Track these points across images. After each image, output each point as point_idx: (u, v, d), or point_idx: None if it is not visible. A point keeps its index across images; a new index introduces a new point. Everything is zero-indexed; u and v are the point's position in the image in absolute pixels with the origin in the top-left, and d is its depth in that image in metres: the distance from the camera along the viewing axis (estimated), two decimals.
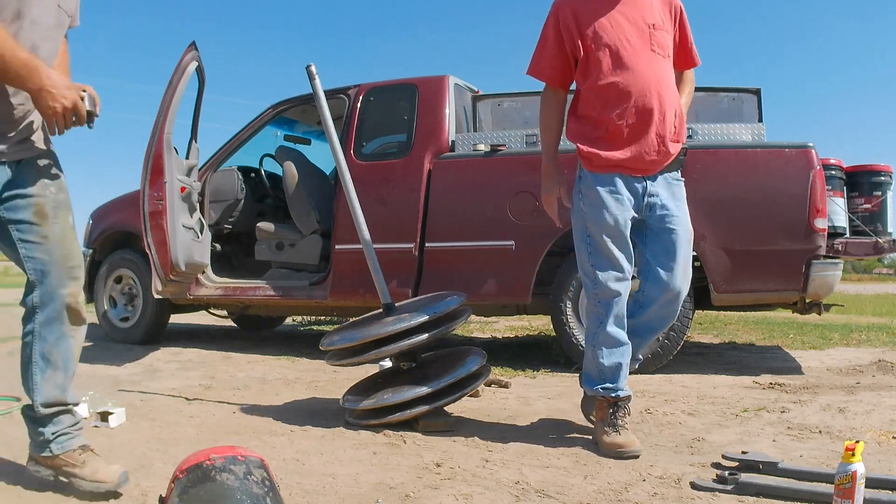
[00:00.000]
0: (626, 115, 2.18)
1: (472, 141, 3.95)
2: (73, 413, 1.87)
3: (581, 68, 2.25)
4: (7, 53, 1.58)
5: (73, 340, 1.85)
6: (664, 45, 2.25)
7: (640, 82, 2.17)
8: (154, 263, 3.82)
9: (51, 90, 1.61)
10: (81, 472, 1.79)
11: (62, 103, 1.63)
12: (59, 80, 1.64)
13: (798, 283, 3.41)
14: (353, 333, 2.56)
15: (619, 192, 2.23)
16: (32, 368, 1.82)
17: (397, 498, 1.78)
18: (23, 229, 1.76)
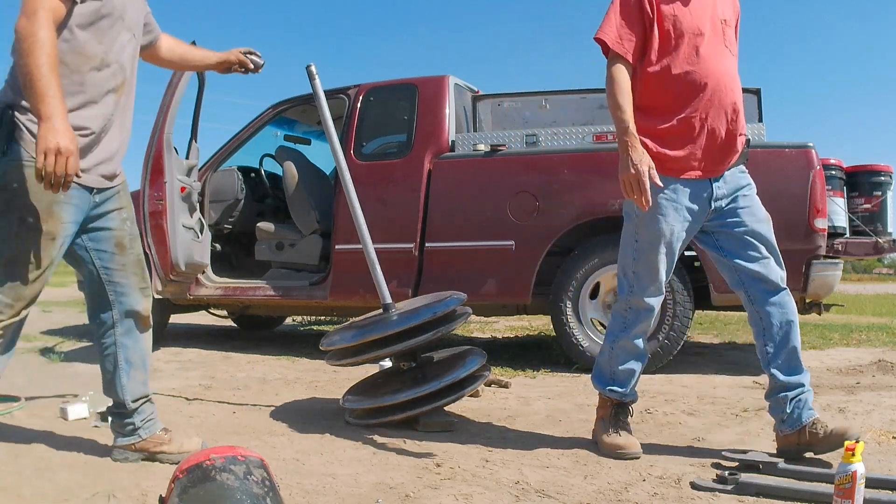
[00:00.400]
0: (700, 109, 2.06)
1: (472, 141, 3.95)
2: (153, 401, 2.17)
3: (649, 49, 2.09)
4: (35, 70, 1.67)
5: (146, 342, 2.14)
6: (732, 42, 2.16)
7: (715, 76, 2.06)
8: (154, 263, 3.82)
9: (55, 125, 1.66)
10: (170, 448, 2.10)
11: (56, 143, 1.65)
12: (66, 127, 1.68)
13: (798, 283, 3.41)
14: (353, 333, 2.56)
15: (678, 202, 2.12)
16: (119, 373, 2.08)
17: (397, 498, 1.78)
18: (105, 258, 2.02)
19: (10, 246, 1.80)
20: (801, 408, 2.06)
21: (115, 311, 2.06)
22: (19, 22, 1.70)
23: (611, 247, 3.64)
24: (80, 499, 1.76)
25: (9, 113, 1.78)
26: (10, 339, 1.89)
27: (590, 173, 3.68)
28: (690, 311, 3.56)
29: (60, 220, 1.83)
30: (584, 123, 4.10)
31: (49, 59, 1.68)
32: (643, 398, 3.00)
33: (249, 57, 2.37)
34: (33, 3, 1.70)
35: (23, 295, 1.83)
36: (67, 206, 1.84)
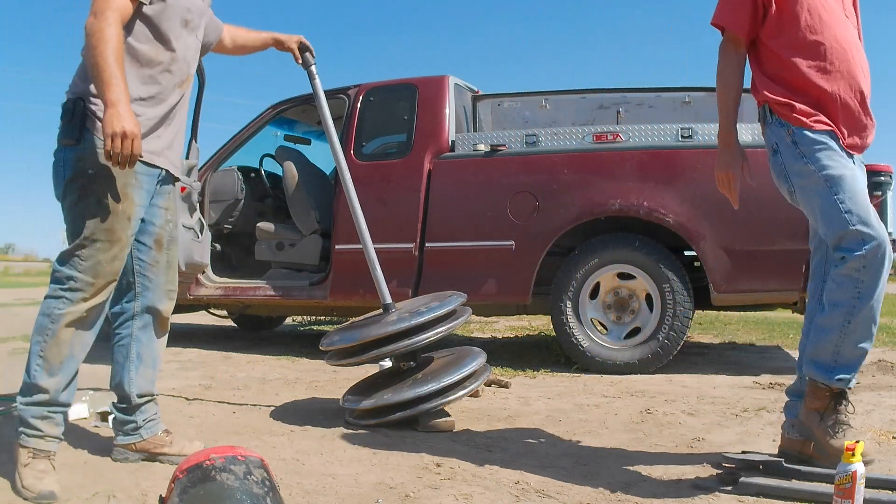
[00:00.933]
0: (833, 81, 1.93)
1: (472, 141, 3.95)
2: (156, 402, 2.18)
3: (772, 23, 1.99)
4: (101, 61, 1.77)
5: (160, 344, 2.19)
6: (852, 13, 2.05)
7: (842, 47, 1.94)
8: None
9: (119, 110, 1.76)
10: (170, 450, 2.10)
11: (121, 126, 1.75)
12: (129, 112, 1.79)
13: (798, 283, 3.41)
14: (353, 333, 2.56)
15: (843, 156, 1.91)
16: (129, 365, 2.14)
17: (397, 498, 1.78)
18: (142, 250, 2.08)
19: (89, 226, 1.89)
20: None
21: (137, 303, 2.12)
22: (88, 20, 1.81)
23: (611, 247, 3.65)
24: (80, 499, 1.76)
25: (80, 104, 1.89)
26: (94, 319, 1.99)
27: (590, 173, 3.68)
28: (690, 311, 3.56)
29: (133, 201, 1.94)
30: (584, 123, 4.11)
31: (115, 51, 1.79)
32: (643, 398, 3.00)
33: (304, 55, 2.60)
34: (102, 3, 1.81)
35: (103, 273, 1.92)
36: (139, 189, 1.95)
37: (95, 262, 1.90)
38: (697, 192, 3.52)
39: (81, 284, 1.90)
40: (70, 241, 1.92)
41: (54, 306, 1.91)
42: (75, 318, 1.92)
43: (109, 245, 1.90)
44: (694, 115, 4.01)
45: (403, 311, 2.57)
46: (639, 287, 3.65)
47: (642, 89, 4.19)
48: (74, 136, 1.89)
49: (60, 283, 1.91)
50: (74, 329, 1.93)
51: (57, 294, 1.91)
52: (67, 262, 1.91)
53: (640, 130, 3.76)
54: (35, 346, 1.92)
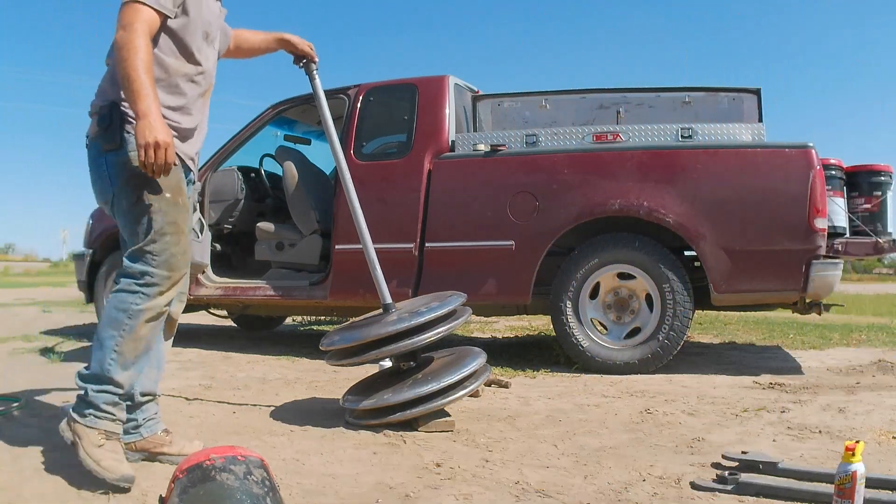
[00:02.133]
0: None
1: (472, 141, 3.95)
2: (157, 402, 2.19)
3: None
4: (132, 72, 1.81)
5: (167, 346, 2.22)
6: None
7: None
8: None
9: (151, 121, 1.80)
10: (170, 450, 2.10)
11: (154, 137, 1.80)
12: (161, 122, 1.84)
13: (798, 283, 3.41)
14: (353, 333, 2.56)
15: None
16: None
17: (397, 498, 1.78)
18: None
19: (156, 222, 1.93)
20: None
21: None
22: (118, 33, 1.85)
23: (611, 247, 3.65)
24: (80, 499, 1.76)
25: (117, 109, 1.93)
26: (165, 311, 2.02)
27: (590, 173, 3.68)
28: (690, 311, 3.56)
29: (186, 194, 2.03)
30: (584, 123, 4.11)
31: (144, 63, 1.83)
32: (643, 398, 3.00)
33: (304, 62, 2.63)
34: (130, 16, 1.86)
35: (177, 265, 1.98)
36: (188, 183, 2.08)
37: (169, 255, 1.95)
38: (697, 192, 3.52)
39: (158, 279, 1.94)
40: (135, 240, 1.95)
41: (131, 301, 1.92)
42: (154, 314, 1.96)
43: (178, 237, 1.97)
44: (694, 115, 4.01)
45: (403, 311, 2.57)
46: (639, 287, 3.65)
47: (642, 89, 4.19)
48: (116, 140, 1.92)
49: (134, 278, 1.94)
50: (152, 324, 1.97)
51: (132, 289, 1.93)
52: (140, 258, 1.94)
53: (640, 130, 3.76)
54: (109, 340, 1.92)
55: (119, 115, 1.93)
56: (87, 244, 4.94)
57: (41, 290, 12.58)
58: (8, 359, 4.08)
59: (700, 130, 3.67)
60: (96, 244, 4.85)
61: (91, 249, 4.88)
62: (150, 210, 1.93)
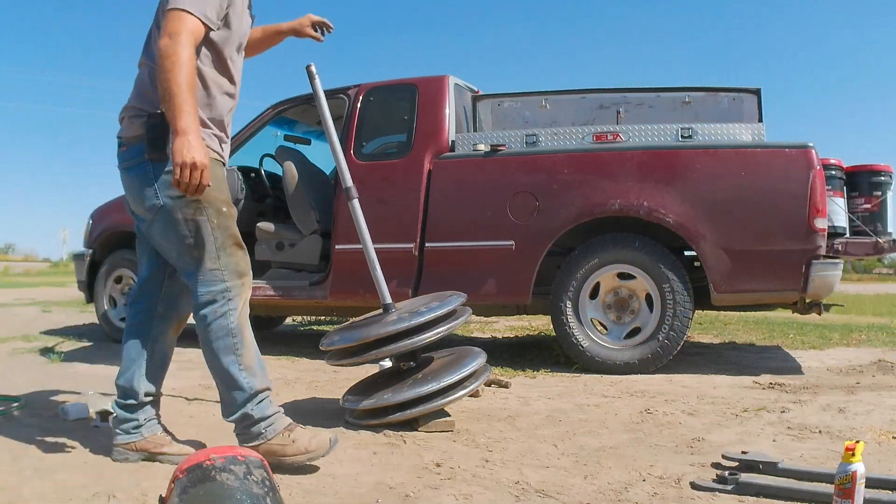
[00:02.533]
0: None
1: (472, 141, 3.95)
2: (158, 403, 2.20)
3: None
4: (174, 87, 1.80)
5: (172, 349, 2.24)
6: None
7: None
8: None
9: (190, 139, 1.80)
10: (170, 450, 2.10)
11: (191, 157, 1.79)
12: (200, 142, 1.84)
13: (798, 283, 3.41)
14: (352, 333, 2.56)
15: None
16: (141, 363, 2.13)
17: (397, 498, 1.78)
18: None
19: (218, 237, 1.97)
20: None
21: (161, 305, 2.16)
22: (163, 41, 1.83)
23: (611, 247, 3.65)
24: (80, 499, 1.76)
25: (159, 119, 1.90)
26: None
27: (590, 173, 3.69)
28: (690, 311, 3.56)
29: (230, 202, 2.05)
30: (584, 123, 4.11)
31: (188, 78, 1.82)
32: (643, 398, 3.00)
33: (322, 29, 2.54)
34: (177, 25, 1.85)
35: (244, 269, 2.03)
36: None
37: (234, 263, 2.00)
38: (697, 192, 3.52)
39: (235, 289, 2.00)
40: (195, 260, 1.97)
41: (227, 323, 1.98)
42: (243, 317, 2.02)
43: (237, 247, 2.02)
44: (694, 115, 4.01)
45: (403, 311, 2.57)
46: (639, 287, 3.65)
47: (642, 89, 4.19)
48: (164, 151, 1.89)
49: (216, 302, 1.98)
50: (247, 325, 2.03)
51: (220, 312, 1.98)
52: (211, 281, 1.97)
53: (640, 130, 3.76)
54: (231, 366, 1.99)
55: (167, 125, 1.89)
56: (87, 244, 4.94)
57: (41, 290, 12.57)
58: (8, 359, 4.08)
59: (700, 130, 3.67)
60: (96, 244, 4.86)
61: (91, 249, 4.88)
62: (209, 224, 1.95)
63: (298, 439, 1.99)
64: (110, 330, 4.76)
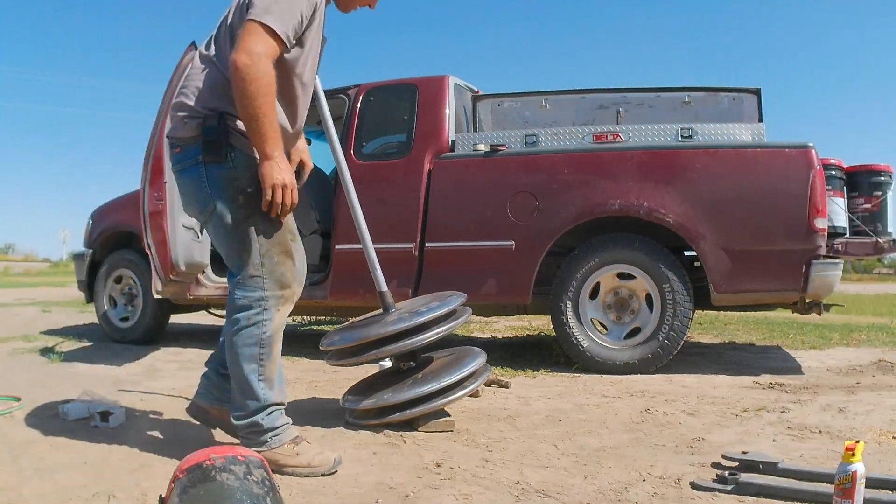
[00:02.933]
0: None
1: (472, 141, 3.95)
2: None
3: None
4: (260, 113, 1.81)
5: None
6: None
7: None
8: (154, 263, 3.82)
9: (278, 163, 1.85)
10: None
11: (282, 178, 1.86)
12: (286, 164, 1.89)
13: (798, 283, 3.41)
14: (353, 333, 2.56)
15: None
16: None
17: (397, 498, 1.78)
18: None
19: (263, 244, 1.95)
20: None
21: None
22: (241, 57, 1.81)
23: (611, 247, 3.65)
24: (80, 499, 1.76)
25: (223, 121, 1.91)
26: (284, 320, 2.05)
27: (590, 173, 3.68)
28: (690, 311, 3.56)
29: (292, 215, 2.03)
30: (584, 123, 4.11)
31: (272, 101, 1.84)
32: (643, 398, 3.00)
33: None
34: (258, 43, 1.82)
35: (288, 281, 1.99)
36: None
37: (279, 274, 1.97)
38: (697, 192, 3.52)
39: (273, 300, 1.97)
40: (241, 264, 1.96)
41: (258, 333, 1.96)
42: (278, 329, 2.00)
43: (284, 257, 1.98)
44: (694, 115, 4.01)
45: (403, 311, 2.57)
46: (639, 287, 3.65)
47: (642, 89, 4.19)
48: (220, 154, 1.91)
49: (252, 308, 1.96)
50: (279, 342, 2.02)
51: (253, 320, 1.96)
52: (251, 286, 1.96)
53: (640, 130, 3.76)
54: (252, 374, 1.98)
55: (225, 127, 1.91)
56: (87, 244, 4.94)
57: (41, 290, 12.58)
58: (8, 359, 4.08)
59: (700, 130, 3.67)
60: (96, 244, 4.86)
61: (91, 249, 4.88)
62: (255, 231, 1.94)
63: (303, 453, 1.98)
64: (110, 330, 4.76)
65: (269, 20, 1.82)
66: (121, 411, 2.54)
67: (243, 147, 1.92)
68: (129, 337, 4.67)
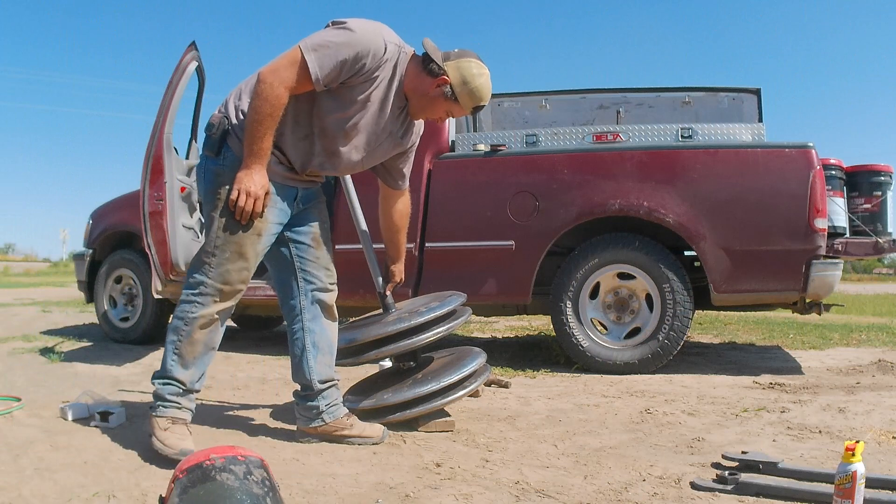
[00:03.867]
0: None
1: (472, 141, 3.95)
2: (338, 388, 2.34)
3: None
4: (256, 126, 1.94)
5: (333, 329, 2.33)
6: None
7: None
8: (154, 263, 3.81)
9: (253, 173, 1.97)
10: (351, 432, 2.27)
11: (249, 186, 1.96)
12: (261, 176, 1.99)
13: (798, 283, 3.41)
14: (352, 333, 2.56)
15: None
16: (307, 356, 2.27)
17: (397, 498, 1.78)
18: (301, 248, 2.25)
19: (220, 237, 2.05)
20: None
21: (303, 299, 2.26)
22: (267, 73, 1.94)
23: (611, 247, 3.65)
24: (80, 499, 1.76)
25: (225, 121, 2.06)
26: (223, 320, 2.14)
27: (590, 173, 3.69)
28: (690, 311, 3.56)
29: (266, 219, 2.07)
30: (584, 123, 4.11)
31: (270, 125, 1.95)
32: (643, 398, 3.00)
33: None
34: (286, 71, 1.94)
35: (231, 280, 2.07)
36: (272, 208, 2.08)
37: (224, 270, 2.06)
38: (697, 192, 3.53)
39: (211, 290, 2.07)
40: (204, 242, 2.09)
41: (188, 310, 2.08)
42: (206, 321, 2.09)
43: (237, 257, 2.06)
44: (694, 115, 4.01)
45: (403, 312, 2.57)
46: (639, 287, 3.65)
47: (642, 89, 4.20)
48: (214, 149, 2.06)
49: (192, 288, 2.08)
50: (206, 330, 2.10)
51: (189, 299, 2.08)
52: (199, 269, 2.08)
53: (640, 130, 3.76)
54: (170, 344, 2.11)
55: (224, 127, 2.06)
56: (87, 244, 4.93)
57: (41, 290, 12.57)
58: (8, 359, 4.08)
59: (700, 130, 3.67)
60: (96, 244, 4.85)
61: (91, 249, 4.88)
62: (221, 224, 2.04)
63: (167, 436, 2.06)
64: (110, 330, 4.76)
65: (309, 56, 1.93)
66: (121, 411, 2.54)
67: (236, 150, 2.04)
68: (129, 337, 4.67)
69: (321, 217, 2.31)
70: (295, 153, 2.10)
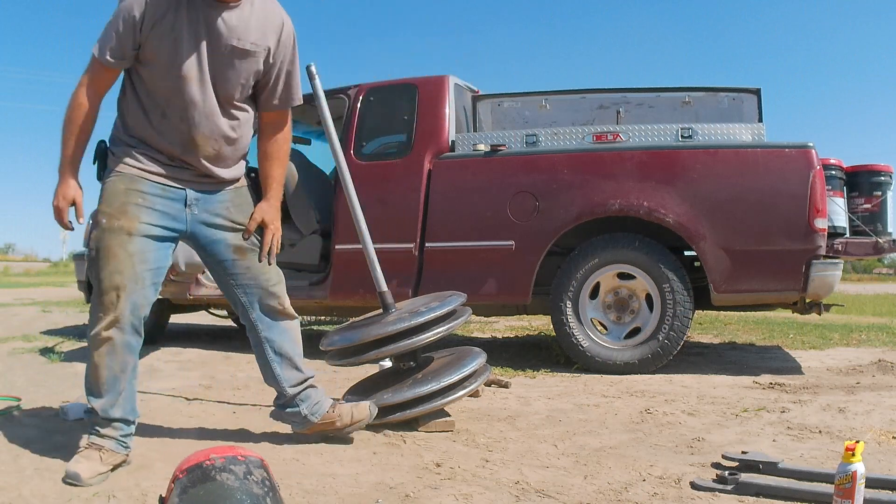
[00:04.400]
0: None
1: (472, 141, 3.95)
2: (315, 384, 2.30)
3: None
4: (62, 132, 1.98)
5: (291, 330, 2.27)
6: None
7: None
8: None
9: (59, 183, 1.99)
10: (342, 423, 2.26)
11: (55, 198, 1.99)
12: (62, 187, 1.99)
13: (798, 283, 3.41)
14: (353, 333, 2.56)
15: None
16: (272, 366, 2.23)
17: (397, 498, 1.78)
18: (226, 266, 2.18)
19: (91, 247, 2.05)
20: None
21: (252, 313, 2.21)
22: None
23: (611, 247, 3.65)
24: (80, 499, 1.76)
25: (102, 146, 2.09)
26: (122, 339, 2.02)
27: (590, 173, 3.69)
28: (690, 311, 3.56)
29: (136, 218, 2.01)
30: (584, 123, 4.11)
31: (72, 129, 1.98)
32: (643, 398, 3.00)
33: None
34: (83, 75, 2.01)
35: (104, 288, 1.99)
36: (145, 209, 2.02)
37: (97, 279, 2.01)
38: (697, 192, 3.52)
39: (96, 304, 2.01)
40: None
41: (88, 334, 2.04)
42: (99, 341, 1.99)
43: (106, 261, 2.00)
44: (694, 115, 4.01)
45: (403, 311, 2.57)
46: (639, 287, 3.65)
47: (642, 89, 4.19)
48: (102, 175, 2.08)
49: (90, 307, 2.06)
50: (101, 351, 2.00)
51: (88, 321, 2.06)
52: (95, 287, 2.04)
53: (640, 130, 3.76)
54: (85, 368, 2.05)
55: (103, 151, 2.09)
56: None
57: (41, 290, 12.58)
58: (8, 359, 4.08)
59: (700, 130, 3.67)
60: None
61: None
62: (92, 235, 2.06)
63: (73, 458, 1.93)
64: None
65: (93, 48, 1.98)
66: None
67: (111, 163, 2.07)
68: None
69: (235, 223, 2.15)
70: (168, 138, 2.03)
